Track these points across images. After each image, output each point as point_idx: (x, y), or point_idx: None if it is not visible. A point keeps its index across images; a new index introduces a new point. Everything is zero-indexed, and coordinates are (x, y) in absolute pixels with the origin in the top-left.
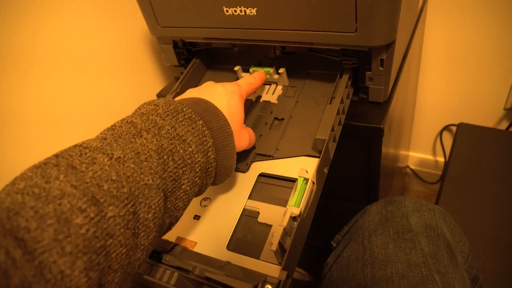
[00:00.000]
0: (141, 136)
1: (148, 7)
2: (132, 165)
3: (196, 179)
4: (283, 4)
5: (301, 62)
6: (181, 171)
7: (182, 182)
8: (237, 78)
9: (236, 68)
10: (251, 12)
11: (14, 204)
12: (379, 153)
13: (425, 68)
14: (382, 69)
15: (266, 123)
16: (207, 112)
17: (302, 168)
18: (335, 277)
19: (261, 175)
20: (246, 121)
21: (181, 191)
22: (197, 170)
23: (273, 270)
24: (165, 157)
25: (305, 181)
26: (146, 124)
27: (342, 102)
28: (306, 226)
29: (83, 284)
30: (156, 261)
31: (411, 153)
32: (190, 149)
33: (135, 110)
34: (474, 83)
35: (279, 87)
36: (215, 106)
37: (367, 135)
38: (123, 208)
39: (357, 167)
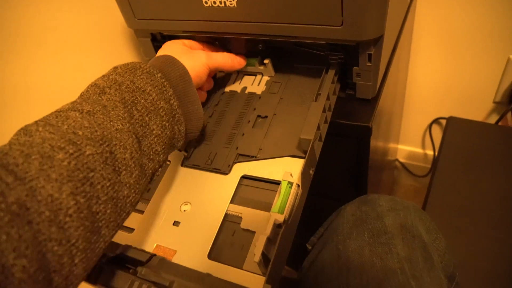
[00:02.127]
0: (105, 93)
1: None
2: (101, 116)
3: (164, 122)
4: None
5: (286, 56)
6: (147, 118)
7: (152, 128)
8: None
9: None
10: (231, 4)
11: (3, 149)
12: (367, 151)
13: (414, 61)
14: (370, 64)
15: (249, 121)
16: (166, 64)
17: (286, 171)
18: (310, 282)
19: (244, 177)
20: (228, 118)
21: (153, 136)
22: (163, 114)
23: (256, 281)
24: (129, 107)
25: (289, 185)
26: (108, 83)
27: (328, 98)
28: (291, 233)
29: (72, 206)
30: (132, 274)
31: (400, 146)
32: (150, 98)
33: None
34: (464, 76)
35: (265, 78)
36: (173, 58)
37: (355, 134)
38: (100, 147)
39: (344, 165)
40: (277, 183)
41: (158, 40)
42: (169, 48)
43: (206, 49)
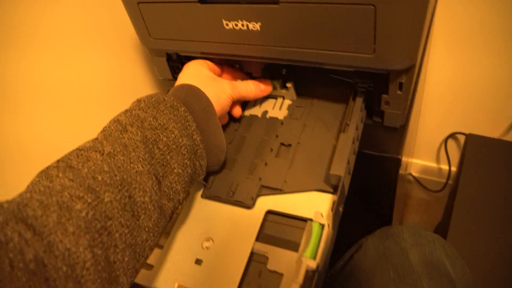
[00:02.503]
0: (126, 131)
1: (139, 17)
2: (121, 157)
3: (186, 160)
4: (292, 21)
5: (307, 78)
6: (168, 157)
7: (173, 166)
8: None
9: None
10: (254, 27)
11: (23, 199)
12: (394, 182)
13: (430, 75)
14: (401, 93)
15: (272, 150)
16: (189, 96)
17: (317, 211)
18: None
19: (269, 212)
20: (249, 145)
21: (173, 175)
22: (184, 152)
23: None
24: (150, 146)
25: (320, 227)
26: (130, 119)
27: (357, 129)
28: (323, 279)
29: (89, 259)
30: None
31: (414, 160)
32: (173, 135)
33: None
34: (481, 89)
35: (286, 101)
36: (197, 88)
37: (383, 165)
38: (118, 193)
39: (368, 193)
40: (304, 220)
41: (173, 60)
42: (193, 74)
43: (227, 71)
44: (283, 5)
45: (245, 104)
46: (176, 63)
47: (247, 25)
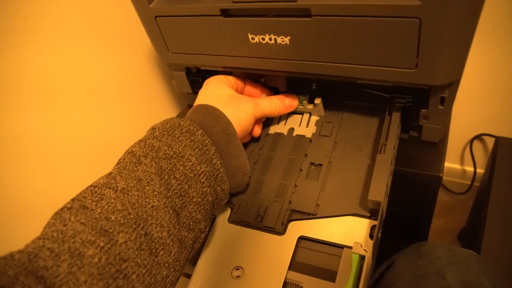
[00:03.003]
0: (141, 163)
1: (156, 31)
2: (135, 193)
3: (205, 188)
4: (325, 34)
5: (336, 91)
6: (186, 186)
7: (192, 196)
8: None
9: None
10: (283, 41)
11: (35, 248)
12: (433, 200)
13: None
14: (442, 107)
15: (301, 170)
16: (207, 118)
17: (356, 242)
18: None
19: (302, 238)
20: (276, 165)
21: (192, 204)
22: (203, 180)
23: None
24: (166, 177)
25: (361, 258)
26: (144, 150)
27: (394, 148)
28: None
29: None
30: None
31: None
32: (190, 163)
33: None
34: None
35: (314, 118)
36: (214, 108)
37: (422, 183)
38: (133, 232)
39: (404, 211)
40: (340, 247)
41: (193, 74)
42: (213, 93)
43: (249, 86)
44: (316, 18)
45: (269, 120)
46: (196, 77)
47: (275, 39)
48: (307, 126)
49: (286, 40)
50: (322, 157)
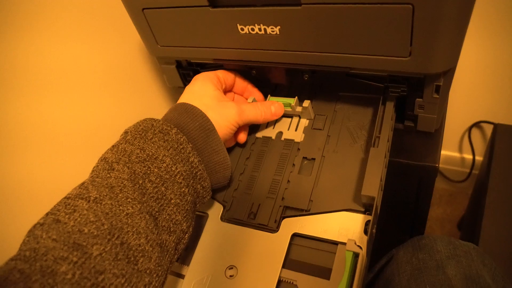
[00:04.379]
0: (113, 169)
1: (144, 23)
2: (108, 201)
3: (183, 189)
4: (316, 23)
5: (329, 83)
6: (162, 188)
7: (169, 198)
8: None
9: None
10: (273, 31)
11: (5, 271)
12: (430, 190)
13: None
14: (438, 96)
15: (294, 165)
16: (183, 115)
17: (350, 239)
18: None
19: (295, 235)
20: (268, 160)
21: (171, 206)
22: (180, 180)
23: None
24: (140, 181)
25: (355, 256)
26: (117, 155)
27: (388, 140)
28: None
29: None
30: None
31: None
32: (164, 165)
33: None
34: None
35: (303, 121)
36: (191, 106)
37: (418, 174)
38: (108, 243)
39: (399, 203)
40: (335, 243)
41: (184, 67)
42: (197, 94)
43: (238, 84)
44: (306, 7)
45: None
46: (187, 70)
47: (265, 29)
48: (296, 130)
49: (276, 30)
50: (315, 151)
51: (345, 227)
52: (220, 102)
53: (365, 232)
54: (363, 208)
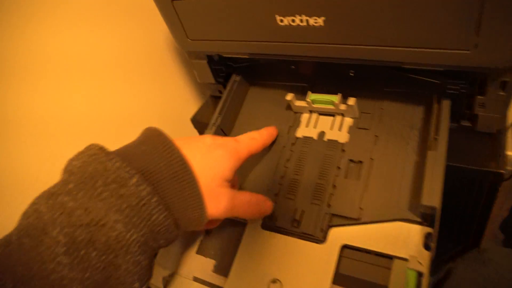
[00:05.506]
0: (46, 234)
1: (174, 16)
2: (38, 282)
3: (138, 257)
4: (365, 12)
5: (373, 77)
6: (111, 256)
7: (119, 264)
8: (289, 106)
9: (289, 97)
10: (316, 22)
11: None
12: (491, 200)
13: None
14: (504, 93)
15: (339, 168)
16: (154, 155)
17: (412, 255)
18: None
19: (345, 247)
20: (310, 162)
21: (121, 270)
22: (135, 249)
23: None
24: (82, 252)
25: (418, 275)
26: (53, 213)
27: (446, 142)
28: None
29: None
30: None
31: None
32: (115, 234)
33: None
34: None
35: (347, 119)
36: (168, 141)
37: (478, 180)
38: None
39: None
40: (389, 257)
41: (216, 62)
42: (190, 140)
43: None
44: None
45: (297, 122)
46: (219, 65)
47: (307, 21)
48: (339, 129)
49: (320, 21)
50: (362, 153)
51: (401, 239)
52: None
53: (426, 246)
54: (420, 219)
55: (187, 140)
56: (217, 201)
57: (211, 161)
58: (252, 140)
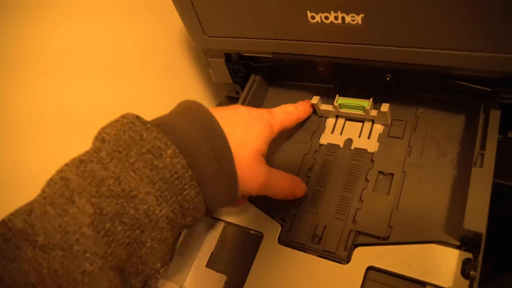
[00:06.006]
0: (73, 203)
1: (190, 11)
2: (60, 253)
3: (165, 233)
4: (411, 10)
5: (407, 81)
6: (138, 231)
7: (144, 241)
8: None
9: (314, 100)
10: (353, 20)
11: None
12: None
13: None
14: None
15: (367, 180)
16: (193, 128)
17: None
18: None
19: (371, 268)
20: (335, 172)
21: (145, 248)
22: (163, 226)
23: None
24: (107, 225)
25: None
26: (81, 181)
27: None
28: None
29: None
30: None
31: None
32: (144, 207)
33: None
34: None
35: (378, 126)
36: (209, 115)
37: None
38: None
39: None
40: (422, 283)
41: (234, 61)
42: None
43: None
44: None
45: (321, 127)
46: (238, 65)
47: (343, 18)
48: (368, 137)
49: (358, 19)
50: (393, 164)
51: (435, 263)
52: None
53: (464, 274)
54: (458, 242)
55: (223, 112)
56: (252, 177)
57: (249, 136)
58: (287, 114)
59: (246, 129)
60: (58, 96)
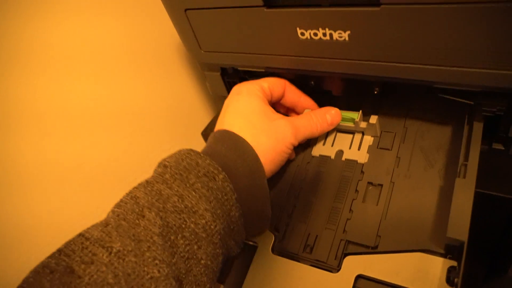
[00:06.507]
0: (143, 216)
1: (186, 26)
2: (133, 259)
3: (217, 250)
4: (396, 28)
5: (396, 93)
6: (195, 247)
7: (200, 257)
8: None
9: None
10: (341, 37)
11: None
12: None
13: None
14: None
15: (357, 191)
16: (232, 153)
17: None
18: None
19: (360, 277)
20: (326, 183)
21: (200, 266)
22: (216, 241)
23: None
24: (172, 238)
25: None
26: (149, 198)
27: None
28: None
29: None
30: None
31: None
32: (203, 221)
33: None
34: None
35: (368, 138)
36: (242, 141)
37: (509, 208)
38: None
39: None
40: None
41: (229, 74)
42: (243, 112)
43: (289, 94)
44: (386, 8)
45: (313, 140)
46: (233, 78)
47: (331, 34)
48: (359, 148)
49: (345, 35)
50: (382, 175)
51: (422, 271)
52: (272, 122)
53: (448, 281)
54: (444, 250)
55: (242, 115)
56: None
57: (275, 142)
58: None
59: (271, 133)
60: (57, 95)
